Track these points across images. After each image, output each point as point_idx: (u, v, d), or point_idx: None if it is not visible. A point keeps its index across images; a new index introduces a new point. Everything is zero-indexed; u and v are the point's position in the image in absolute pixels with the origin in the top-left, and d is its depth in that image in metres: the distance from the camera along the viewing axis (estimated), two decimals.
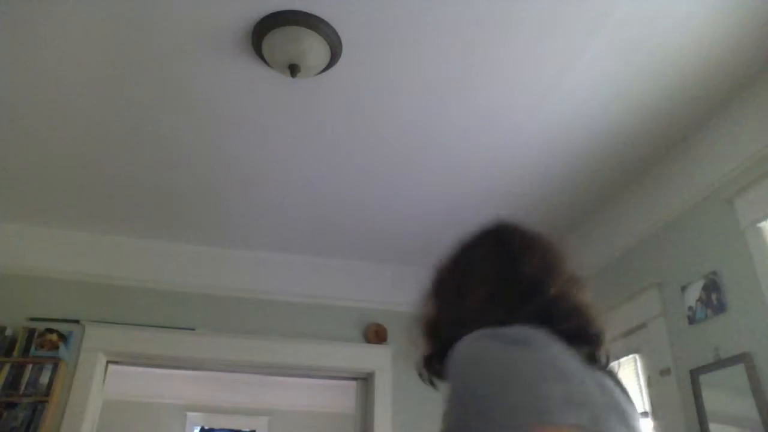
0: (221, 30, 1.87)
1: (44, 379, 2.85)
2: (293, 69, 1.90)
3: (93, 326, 3.11)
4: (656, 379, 2.49)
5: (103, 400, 3.22)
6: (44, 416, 2.77)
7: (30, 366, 2.87)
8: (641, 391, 2.63)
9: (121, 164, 2.62)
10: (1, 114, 2.29)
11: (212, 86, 2.13)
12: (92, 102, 2.22)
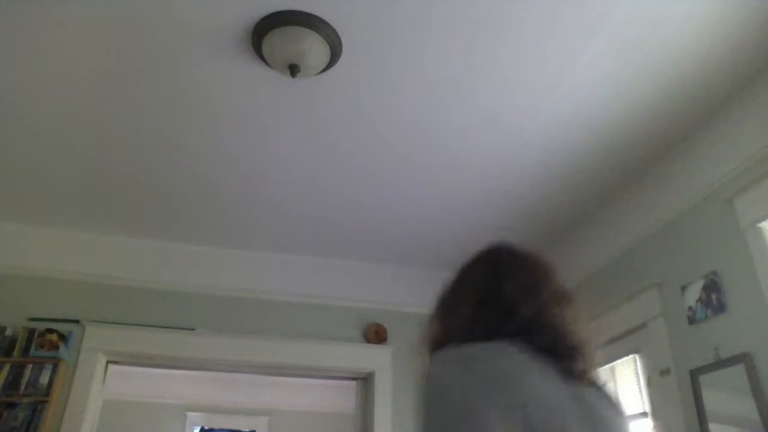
0: (221, 30, 1.87)
1: (44, 379, 2.85)
2: (293, 69, 1.90)
3: (93, 326, 3.11)
4: (656, 379, 2.49)
5: (103, 400, 3.22)
6: (44, 416, 2.77)
7: (30, 366, 2.87)
8: (641, 391, 2.64)
9: (121, 164, 2.62)
10: (1, 114, 2.29)
11: (212, 86, 2.13)
12: (92, 102, 2.22)
